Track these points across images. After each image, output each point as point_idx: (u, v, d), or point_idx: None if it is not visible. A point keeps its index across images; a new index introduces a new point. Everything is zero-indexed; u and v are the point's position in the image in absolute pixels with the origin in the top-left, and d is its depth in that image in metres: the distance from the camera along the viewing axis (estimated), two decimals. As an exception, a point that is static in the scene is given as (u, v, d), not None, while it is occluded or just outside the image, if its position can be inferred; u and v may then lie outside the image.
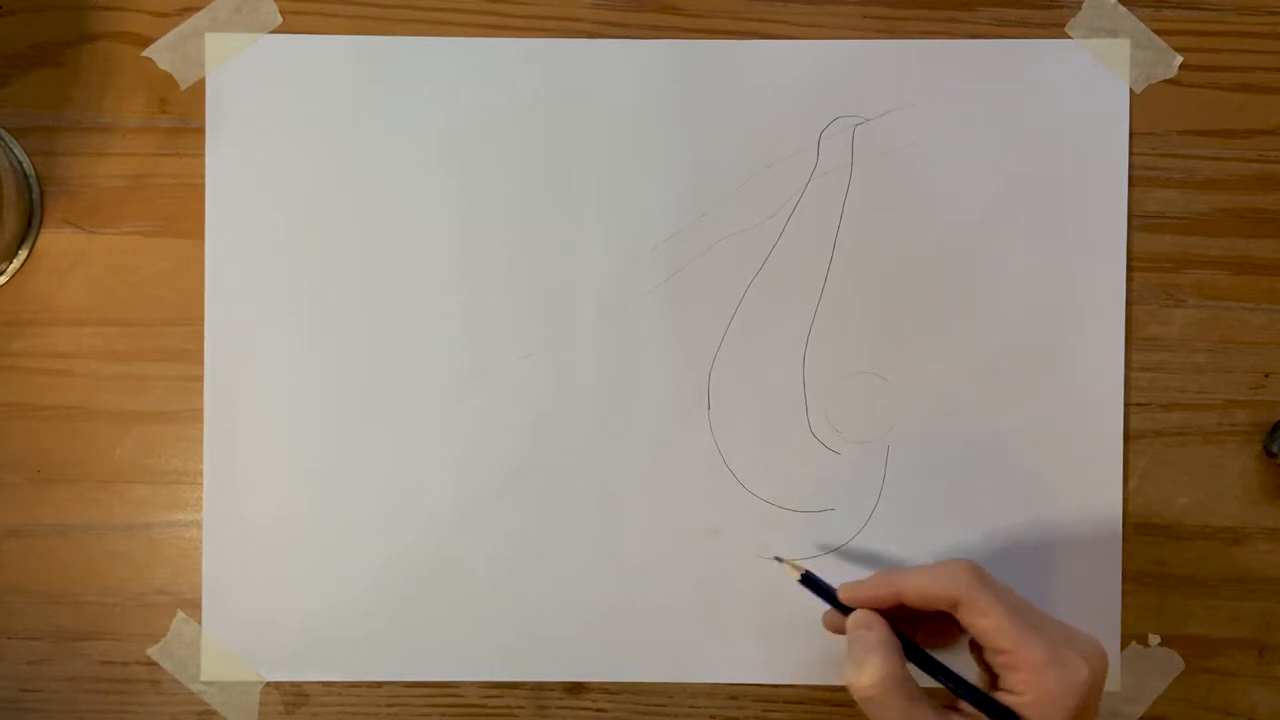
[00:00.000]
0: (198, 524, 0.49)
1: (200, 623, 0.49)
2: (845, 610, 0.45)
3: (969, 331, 0.50)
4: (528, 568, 0.49)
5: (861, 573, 0.49)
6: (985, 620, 0.40)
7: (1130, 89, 0.50)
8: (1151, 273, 0.50)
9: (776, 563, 0.49)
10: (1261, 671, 0.50)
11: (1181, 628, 0.49)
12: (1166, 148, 0.50)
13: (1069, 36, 0.50)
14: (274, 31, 0.50)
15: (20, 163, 0.49)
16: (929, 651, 0.44)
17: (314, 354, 0.49)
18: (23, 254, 0.49)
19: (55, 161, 0.50)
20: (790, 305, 0.50)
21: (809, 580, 0.47)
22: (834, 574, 0.48)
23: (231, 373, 0.49)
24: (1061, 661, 0.39)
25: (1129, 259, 0.50)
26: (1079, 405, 0.49)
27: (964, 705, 0.41)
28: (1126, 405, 0.50)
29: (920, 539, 0.49)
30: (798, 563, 0.47)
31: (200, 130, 0.49)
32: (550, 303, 0.50)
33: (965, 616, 0.41)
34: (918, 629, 0.45)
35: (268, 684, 0.49)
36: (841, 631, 0.45)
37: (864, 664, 0.41)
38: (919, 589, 0.42)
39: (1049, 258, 0.49)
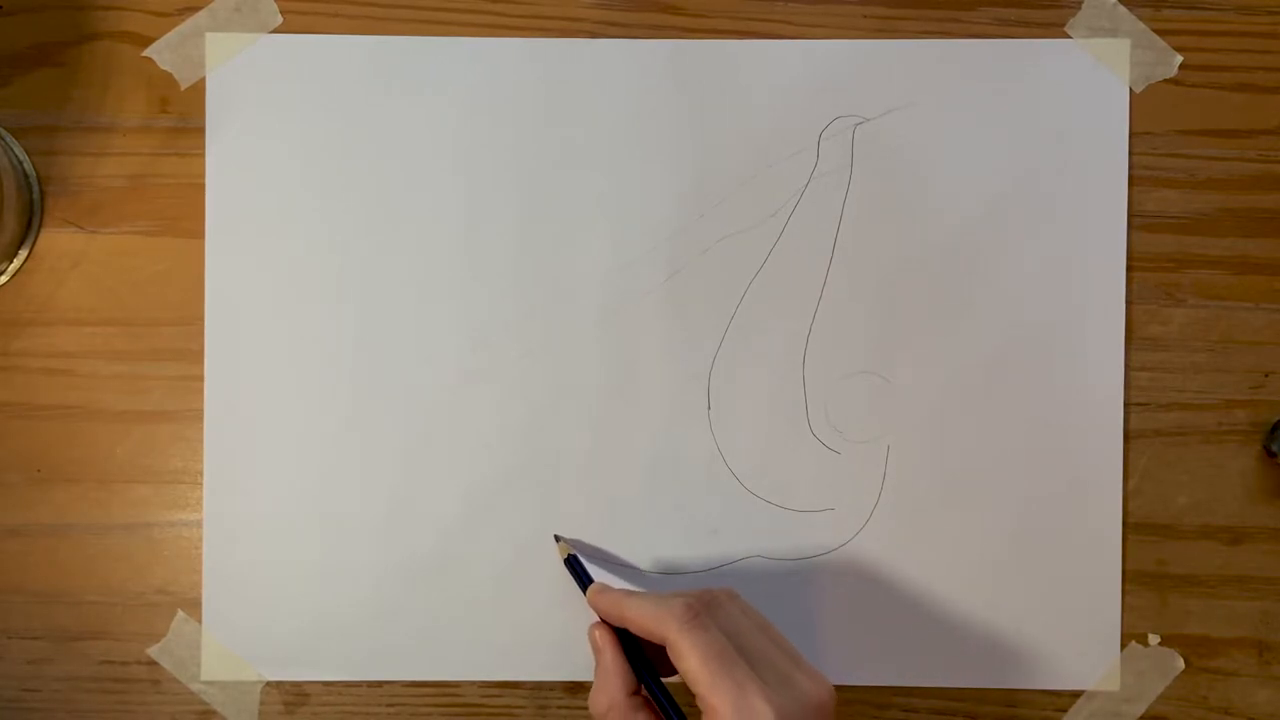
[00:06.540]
0: (198, 524, 0.49)
1: (200, 622, 0.49)
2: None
3: (969, 331, 0.50)
4: (528, 568, 0.49)
5: (859, 574, 0.49)
6: (683, 664, 0.39)
7: (1130, 89, 0.50)
8: (1151, 272, 0.50)
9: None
10: (1261, 671, 0.50)
11: (1181, 627, 0.49)
12: (1166, 148, 0.50)
13: (1069, 36, 0.50)
14: (274, 31, 0.50)
15: (20, 163, 0.49)
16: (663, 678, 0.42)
17: (314, 353, 0.49)
18: (23, 254, 0.49)
19: (55, 161, 0.50)
20: (790, 305, 0.50)
21: (573, 564, 0.46)
22: (833, 574, 0.47)
23: (231, 373, 0.49)
24: (746, 711, 0.37)
25: (1129, 259, 0.50)
26: (1079, 405, 0.49)
27: None
28: (1126, 405, 0.50)
29: (920, 539, 0.49)
30: (567, 546, 0.47)
31: (200, 130, 0.49)
32: (550, 302, 0.50)
33: (671, 657, 0.40)
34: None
35: (268, 684, 0.49)
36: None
37: (596, 689, 0.42)
38: (638, 622, 0.41)
39: (1049, 257, 0.49)
